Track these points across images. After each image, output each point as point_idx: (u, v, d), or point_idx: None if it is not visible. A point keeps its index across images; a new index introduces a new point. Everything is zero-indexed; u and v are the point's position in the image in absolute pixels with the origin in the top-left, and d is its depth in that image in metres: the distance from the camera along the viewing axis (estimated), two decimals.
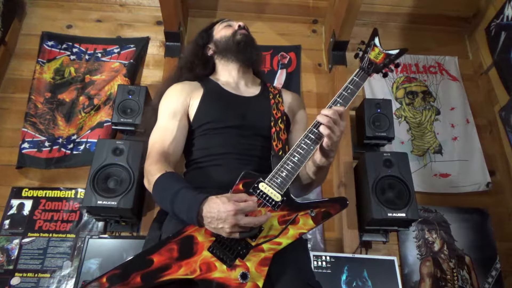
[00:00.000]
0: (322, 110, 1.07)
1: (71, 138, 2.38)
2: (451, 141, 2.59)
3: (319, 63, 2.78)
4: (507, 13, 2.54)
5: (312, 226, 1.02)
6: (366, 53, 1.20)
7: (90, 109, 2.47)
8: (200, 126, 1.27)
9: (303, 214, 1.03)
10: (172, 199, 1.01)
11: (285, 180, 1.05)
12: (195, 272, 0.92)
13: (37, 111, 2.43)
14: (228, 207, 0.92)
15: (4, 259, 2.08)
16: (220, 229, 0.94)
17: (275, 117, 1.31)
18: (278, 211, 1.03)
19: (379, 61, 1.19)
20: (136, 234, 2.11)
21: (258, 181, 1.06)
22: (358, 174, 2.24)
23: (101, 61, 2.64)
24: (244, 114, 1.29)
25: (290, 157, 1.08)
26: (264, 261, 0.95)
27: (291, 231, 1.00)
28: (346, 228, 2.15)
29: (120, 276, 0.90)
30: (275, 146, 1.23)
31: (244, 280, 0.92)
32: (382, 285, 1.92)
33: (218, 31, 1.48)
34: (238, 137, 1.24)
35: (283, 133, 1.29)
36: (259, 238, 0.98)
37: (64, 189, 2.28)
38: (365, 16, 2.85)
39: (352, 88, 1.14)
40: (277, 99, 1.38)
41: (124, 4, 2.84)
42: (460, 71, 2.83)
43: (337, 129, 1.05)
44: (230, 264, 0.94)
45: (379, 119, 2.29)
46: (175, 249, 0.95)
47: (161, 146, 1.21)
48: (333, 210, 1.05)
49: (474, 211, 2.40)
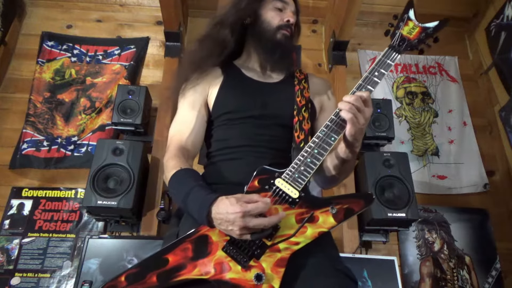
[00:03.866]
0: (344, 96, 0.97)
1: (71, 139, 2.38)
2: (448, 144, 2.59)
3: (319, 63, 2.78)
4: (507, 13, 2.54)
5: (333, 224, 0.94)
6: (398, 29, 1.07)
7: (91, 111, 2.47)
8: (219, 117, 1.21)
9: (323, 211, 0.95)
10: (185, 197, 0.99)
11: (304, 175, 0.98)
12: (210, 272, 0.90)
13: (36, 111, 2.43)
14: (236, 209, 0.87)
15: (4, 259, 2.08)
16: (230, 230, 0.90)
17: (298, 105, 1.21)
18: (295, 209, 0.96)
19: (413, 36, 1.06)
20: (136, 234, 2.11)
21: (275, 177, 1.00)
22: (358, 174, 2.24)
23: (102, 64, 2.64)
24: (265, 102, 1.20)
25: (310, 150, 1.00)
26: (280, 262, 0.90)
27: (309, 230, 0.93)
28: (346, 228, 2.14)
29: (137, 275, 0.90)
30: (296, 137, 1.15)
31: (259, 281, 0.88)
32: (382, 285, 1.92)
33: (267, 8, 1.30)
34: (257, 128, 1.17)
35: (306, 123, 1.19)
36: (275, 237, 0.92)
37: (64, 189, 2.28)
38: (365, 16, 2.85)
39: (380, 71, 1.03)
40: (303, 84, 1.28)
41: (124, 4, 2.84)
42: (460, 71, 2.84)
43: (361, 117, 0.95)
44: (245, 265, 0.90)
45: (379, 119, 2.29)
46: (190, 249, 0.93)
47: (179, 140, 1.17)
48: (356, 207, 0.97)
49: (474, 211, 2.40)
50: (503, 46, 2.54)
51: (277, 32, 1.26)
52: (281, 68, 1.30)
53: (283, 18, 1.28)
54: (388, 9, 2.89)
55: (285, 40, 1.27)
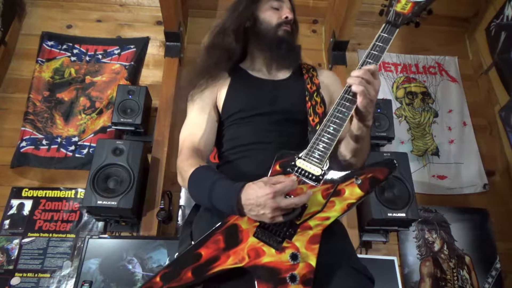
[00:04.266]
0: (352, 72, 1.00)
1: (72, 139, 2.38)
2: (448, 144, 2.59)
3: (319, 63, 2.78)
4: (507, 13, 2.54)
5: (360, 195, 0.95)
6: (392, 6, 1.12)
7: (91, 111, 2.47)
8: (230, 117, 1.22)
9: (348, 184, 0.97)
10: (209, 191, 0.98)
11: (323, 152, 1.00)
12: (244, 259, 0.90)
13: (35, 109, 2.43)
14: (266, 191, 0.88)
15: (4, 259, 2.08)
16: (262, 215, 0.89)
17: (309, 91, 1.23)
18: (320, 186, 0.97)
19: (407, 11, 1.10)
20: (136, 234, 2.11)
21: (295, 158, 1.01)
22: None
23: (101, 63, 2.64)
24: (275, 98, 1.21)
25: (325, 128, 1.02)
26: (313, 238, 0.92)
27: (337, 204, 0.95)
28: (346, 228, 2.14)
29: (171, 274, 0.90)
30: (311, 121, 1.17)
31: (295, 261, 0.88)
32: (382, 285, 1.91)
33: (264, 9, 1.32)
34: (268, 125, 1.18)
35: (319, 107, 1.20)
36: (303, 216, 0.94)
37: (64, 189, 2.28)
38: (365, 16, 2.85)
39: (381, 45, 1.07)
40: (311, 73, 1.31)
41: (124, 4, 2.84)
42: (460, 71, 2.84)
43: (371, 88, 0.98)
44: (278, 247, 0.91)
45: (379, 119, 2.29)
46: (221, 240, 0.94)
47: (191, 142, 1.18)
48: (380, 174, 0.98)
49: (474, 211, 2.40)
50: (503, 46, 2.54)
51: (278, 29, 1.28)
52: (288, 64, 1.31)
53: (281, 15, 1.30)
54: None
55: (287, 35, 1.29)
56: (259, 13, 1.32)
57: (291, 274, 0.87)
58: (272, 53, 1.28)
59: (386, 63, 2.83)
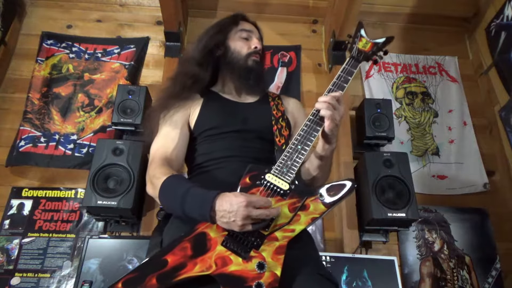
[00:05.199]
0: (319, 98, 1.10)
1: (70, 137, 2.38)
2: (448, 144, 2.59)
3: (319, 63, 2.78)
4: (507, 13, 2.54)
5: (323, 210, 1.02)
6: (354, 44, 1.24)
7: (90, 109, 2.47)
8: (202, 133, 1.28)
9: (313, 199, 1.03)
10: (182, 198, 1.00)
11: (291, 169, 1.07)
12: (211, 267, 0.92)
13: (33, 108, 2.43)
14: (240, 199, 0.93)
15: (4, 259, 2.08)
16: (233, 222, 0.93)
17: (275, 116, 1.32)
18: (287, 199, 1.03)
19: (367, 49, 1.23)
20: (136, 234, 2.12)
21: (265, 172, 1.08)
22: (358, 174, 2.24)
23: (101, 61, 2.64)
24: (245, 119, 1.29)
25: (294, 146, 1.10)
26: (279, 249, 0.96)
27: (302, 217, 1.01)
28: (346, 228, 2.15)
29: (135, 280, 0.90)
30: (278, 141, 1.25)
31: (261, 270, 0.92)
32: (382, 285, 1.91)
33: (234, 39, 1.41)
34: (240, 141, 1.24)
35: (284, 130, 1.30)
36: (271, 227, 0.98)
37: (64, 189, 2.28)
38: (365, 16, 2.85)
39: (345, 76, 1.17)
40: (277, 101, 1.40)
41: (124, 4, 2.84)
42: (460, 71, 2.84)
43: (337, 113, 1.07)
44: (246, 256, 0.94)
45: (379, 119, 2.29)
46: (189, 247, 0.95)
47: (164, 153, 1.21)
48: (342, 192, 1.04)
49: (474, 211, 2.40)
50: (503, 46, 2.54)
51: (247, 59, 1.37)
52: (256, 91, 1.40)
53: (251, 45, 1.39)
54: (388, 9, 2.89)
55: (256, 65, 1.38)
56: (230, 43, 1.40)
57: (257, 283, 0.90)
58: (242, 82, 1.36)
59: (386, 63, 2.83)
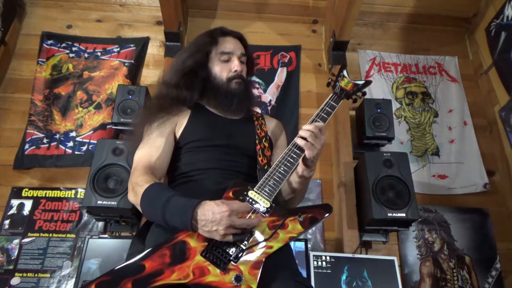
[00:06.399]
0: (303, 126, 1.16)
1: (70, 134, 2.38)
2: (448, 143, 2.59)
3: (319, 63, 2.78)
4: (507, 13, 2.54)
5: (300, 231, 1.06)
6: (337, 82, 1.31)
7: (88, 104, 2.47)
8: (187, 144, 1.29)
9: (292, 219, 1.07)
10: (163, 206, 1.00)
11: (273, 188, 1.11)
12: (188, 276, 0.92)
13: (36, 109, 2.43)
14: (222, 208, 0.94)
15: (4, 259, 2.08)
16: (214, 231, 0.94)
17: (259, 136, 1.37)
18: (268, 217, 1.07)
19: (349, 88, 1.29)
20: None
21: (248, 189, 1.11)
22: (358, 174, 2.24)
23: (100, 59, 2.64)
24: (230, 134, 1.32)
25: (276, 167, 1.15)
26: (256, 264, 0.97)
27: (281, 235, 1.04)
28: (346, 228, 2.14)
29: (110, 283, 0.90)
30: (260, 161, 1.29)
31: (238, 282, 0.93)
32: (382, 285, 1.91)
33: (215, 62, 1.39)
34: (224, 155, 1.27)
35: (267, 150, 1.35)
36: (250, 242, 1.01)
37: (64, 189, 2.28)
38: (365, 16, 2.85)
39: (328, 110, 1.23)
40: (260, 121, 1.44)
41: (124, 4, 2.84)
42: (460, 71, 2.83)
43: (318, 142, 1.13)
44: (224, 268, 0.95)
45: (379, 119, 2.29)
46: (168, 255, 0.95)
47: (147, 161, 1.22)
48: (319, 215, 1.09)
49: (474, 211, 2.40)
50: (503, 46, 2.54)
51: (229, 83, 1.36)
52: (240, 112, 1.42)
53: (231, 69, 1.37)
54: (388, 9, 2.89)
55: (238, 88, 1.37)
56: (211, 66, 1.39)
57: None
58: (224, 106, 1.37)
59: (386, 63, 2.83)
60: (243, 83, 1.40)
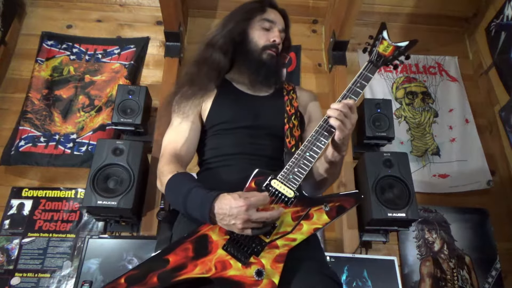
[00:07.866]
0: (332, 104, 1.06)
1: (70, 136, 2.38)
2: (449, 143, 2.59)
3: (319, 63, 2.78)
4: (507, 13, 2.54)
5: (326, 221, 1.01)
6: (375, 47, 1.18)
7: (90, 109, 2.47)
8: (213, 127, 1.26)
9: (317, 209, 1.02)
10: (184, 197, 1.00)
11: (297, 176, 1.05)
12: (211, 270, 0.93)
13: (34, 107, 2.43)
14: (239, 203, 0.92)
15: (4, 259, 2.08)
16: (232, 225, 0.93)
17: (288, 114, 1.28)
18: (291, 207, 1.02)
19: (388, 53, 1.17)
20: (136, 234, 2.11)
21: (270, 178, 1.05)
22: (358, 174, 2.24)
23: (101, 62, 2.64)
24: (257, 114, 1.26)
25: (302, 153, 1.08)
26: (279, 257, 0.95)
27: (305, 227, 0.99)
28: (346, 228, 2.15)
29: (137, 277, 0.92)
30: (288, 143, 1.22)
31: (259, 277, 0.92)
32: (382, 285, 1.92)
33: (255, 28, 1.34)
34: (250, 138, 1.22)
35: (296, 130, 1.26)
36: (273, 235, 0.98)
37: (64, 189, 2.28)
38: (365, 16, 2.85)
39: (362, 82, 1.13)
40: (291, 95, 1.35)
41: (124, 4, 2.85)
42: (460, 71, 2.83)
43: (348, 122, 1.04)
44: (245, 262, 0.94)
45: (379, 119, 2.29)
46: (190, 249, 0.96)
47: (173, 148, 1.21)
48: (347, 204, 1.03)
49: (474, 211, 2.40)
50: (503, 46, 2.54)
51: (262, 52, 1.31)
52: (268, 85, 1.35)
53: (270, 38, 1.32)
54: (388, 9, 2.89)
55: (270, 59, 1.31)
56: (250, 31, 1.34)
57: None
58: (252, 76, 1.32)
59: None
60: (276, 58, 1.33)
